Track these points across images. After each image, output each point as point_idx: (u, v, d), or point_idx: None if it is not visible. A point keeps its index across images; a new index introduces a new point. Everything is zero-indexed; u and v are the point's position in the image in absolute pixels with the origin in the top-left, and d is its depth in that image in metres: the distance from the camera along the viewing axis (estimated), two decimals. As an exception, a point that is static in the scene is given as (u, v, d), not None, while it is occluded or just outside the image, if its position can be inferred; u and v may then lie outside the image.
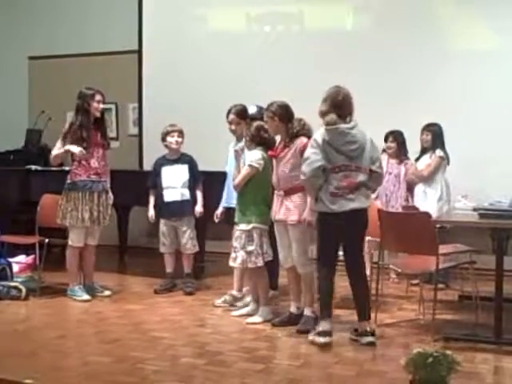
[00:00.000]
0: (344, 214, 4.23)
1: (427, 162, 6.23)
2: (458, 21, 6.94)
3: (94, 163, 5.53)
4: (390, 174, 6.44)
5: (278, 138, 4.82)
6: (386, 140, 6.48)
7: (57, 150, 5.56)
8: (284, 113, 4.65)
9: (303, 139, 4.57)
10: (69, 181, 5.53)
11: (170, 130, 5.79)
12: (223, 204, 5.53)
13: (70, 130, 5.48)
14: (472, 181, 6.21)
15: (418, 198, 6.24)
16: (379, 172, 4.41)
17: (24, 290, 5.46)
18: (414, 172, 6.28)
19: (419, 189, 6.28)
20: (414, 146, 6.53)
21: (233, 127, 5.45)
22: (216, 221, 5.54)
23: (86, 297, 5.51)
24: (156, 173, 5.84)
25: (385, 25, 7.16)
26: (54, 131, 8.24)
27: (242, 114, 5.40)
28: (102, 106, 5.60)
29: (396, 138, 6.44)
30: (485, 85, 6.70)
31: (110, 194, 5.65)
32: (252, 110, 5.42)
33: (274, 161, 4.74)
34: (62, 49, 8.60)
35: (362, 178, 4.28)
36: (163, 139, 5.82)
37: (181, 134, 5.80)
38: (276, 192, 4.71)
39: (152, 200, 5.85)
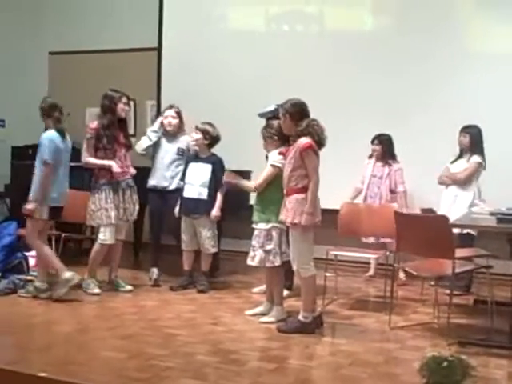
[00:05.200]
0: None
1: (464, 165, 6.09)
2: (477, 22, 6.90)
3: (117, 162, 5.64)
4: (375, 176, 6.48)
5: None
6: (372, 143, 6.51)
7: (87, 155, 5.67)
8: (295, 111, 4.57)
9: (304, 139, 4.48)
10: (93, 182, 5.68)
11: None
12: None
13: (97, 131, 5.64)
14: (489, 185, 6.16)
15: (446, 201, 6.08)
16: None
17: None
18: (448, 175, 6.16)
19: (450, 192, 6.12)
20: (429, 147, 6.51)
21: None
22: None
23: (96, 291, 5.60)
24: (185, 168, 5.88)
25: (404, 26, 7.15)
26: (73, 126, 8.31)
27: None
28: (127, 107, 5.78)
29: (381, 142, 6.46)
30: (503, 86, 6.65)
31: (135, 190, 5.76)
32: (270, 108, 5.41)
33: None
34: (82, 45, 8.64)
35: None
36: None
37: (199, 131, 5.80)
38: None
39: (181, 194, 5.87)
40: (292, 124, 4.58)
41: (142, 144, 6.09)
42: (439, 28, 6.92)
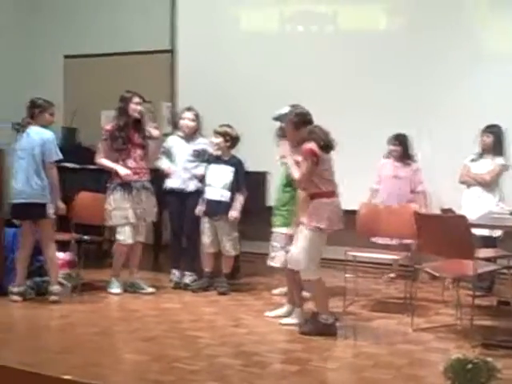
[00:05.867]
0: None
1: (488, 165, 6.03)
2: (492, 21, 6.84)
3: (131, 163, 5.69)
4: (395, 177, 6.40)
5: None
6: (389, 143, 6.44)
7: (101, 156, 5.73)
8: (297, 120, 4.65)
9: (307, 144, 4.51)
10: (109, 183, 5.72)
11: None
12: None
13: (111, 132, 5.71)
14: (509, 184, 6.12)
15: (469, 202, 6.01)
16: None
17: (69, 285, 5.58)
18: (473, 175, 6.09)
19: (473, 193, 6.06)
20: (444, 147, 6.47)
21: None
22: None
23: (116, 290, 5.67)
24: (206, 169, 5.88)
25: (418, 26, 7.08)
26: (88, 129, 8.38)
27: None
28: (139, 107, 5.76)
29: (401, 142, 6.40)
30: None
31: (152, 191, 5.80)
32: (285, 110, 5.37)
33: None
34: (97, 48, 8.66)
35: None
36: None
37: (219, 134, 5.81)
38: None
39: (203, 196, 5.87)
40: (295, 132, 4.65)
41: (160, 165, 6.08)
42: (454, 27, 6.86)
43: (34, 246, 5.37)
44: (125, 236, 5.67)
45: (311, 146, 4.49)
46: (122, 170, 5.63)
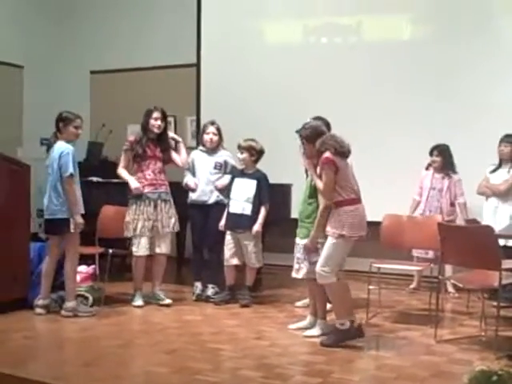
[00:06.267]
0: None
1: (505, 175, 6.02)
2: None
3: (149, 175, 5.77)
4: (434, 189, 6.33)
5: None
6: (431, 154, 6.35)
7: (122, 165, 5.86)
8: (310, 134, 4.70)
9: (324, 155, 4.55)
10: (129, 195, 5.79)
11: (239, 145, 5.88)
12: None
13: (131, 144, 5.83)
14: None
15: (487, 213, 6.03)
16: None
17: (91, 298, 5.60)
18: (489, 186, 6.09)
19: (490, 203, 6.08)
20: (473, 158, 6.40)
21: None
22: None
23: (138, 303, 5.69)
24: (230, 183, 5.91)
25: (443, 35, 7.05)
26: (114, 144, 8.44)
27: None
28: (159, 122, 5.81)
29: (441, 153, 6.31)
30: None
31: (171, 203, 5.82)
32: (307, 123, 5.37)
33: None
34: (122, 63, 8.78)
35: None
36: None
37: (245, 149, 5.82)
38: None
39: (226, 209, 5.89)
40: (310, 146, 4.69)
41: (187, 182, 6.09)
42: (480, 35, 6.81)
43: (59, 261, 5.42)
44: (138, 248, 5.71)
45: (326, 155, 4.52)
46: (133, 183, 5.73)
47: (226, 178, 6.01)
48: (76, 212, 5.23)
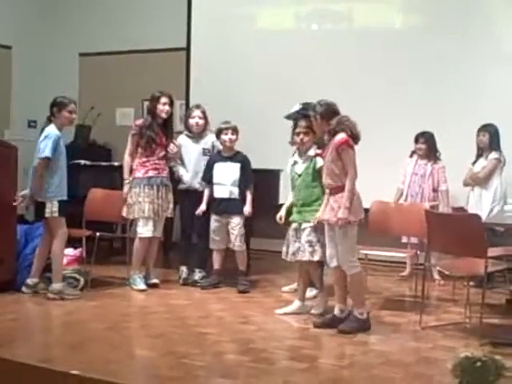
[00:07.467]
0: None
1: (483, 164, 6.11)
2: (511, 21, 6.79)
3: (153, 160, 5.78)
4: (416, 174, 6.36)
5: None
6: (416, 141, 6.38)
7: (128, 151, 5.80)
8: (325, 111, 4.58)
9: (339, 136, 4.47)
10: (131, 178, 5.79)
11: (223, 128, 5.83)
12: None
13: (140, 128, 5.78)
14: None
15: (472, 202, 6.11)
16: None
17: (82, 280, 5.58)
18: (470, 175, 6.16)
19: (475, 192, 6.15)
20: (461, 147, 6.42)
21: None
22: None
23: (142, 287, 5.69)
24: (210, 168, 5.87)
25: (434, 24, 7.04)
26: (102, 127, 8.42)
27: None
28: (167, 107, 5.81)
29: (427, 140, 6.34)
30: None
31: (170, 188, 5.86)
32: (295, 109, 5.35)
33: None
34: (111, 46, 8.70)
35: None
36: (217, 136, 5.90)
37: (234, 131, 5.82)
38: (326, 191, 4.70)
39: (206, 195, 5.87)
40: (324, 124, 4.59)
41: (179, 173, 6.09)
42: (471, 27, 6.81)
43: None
44: (143, 230, 5.73)
45: (343, 136, 4.46)
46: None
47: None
48: (38, 196, 5.18)
